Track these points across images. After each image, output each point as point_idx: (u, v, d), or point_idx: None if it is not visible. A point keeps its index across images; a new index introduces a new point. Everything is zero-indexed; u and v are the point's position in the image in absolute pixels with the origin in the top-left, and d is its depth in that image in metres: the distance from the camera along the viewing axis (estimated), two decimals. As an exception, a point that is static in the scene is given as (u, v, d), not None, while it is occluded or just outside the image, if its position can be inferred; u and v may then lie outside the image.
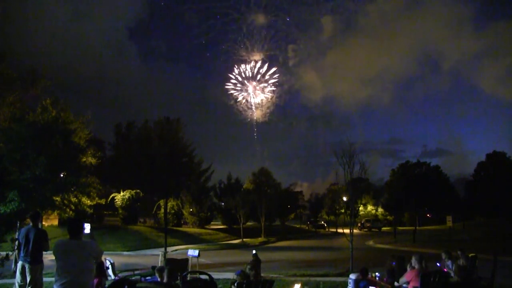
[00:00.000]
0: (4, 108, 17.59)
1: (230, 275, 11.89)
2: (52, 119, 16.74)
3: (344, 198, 28.52)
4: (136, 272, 10.92)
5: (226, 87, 66.18)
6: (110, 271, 10.33)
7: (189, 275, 9.55)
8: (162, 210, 38.72)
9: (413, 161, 68.81)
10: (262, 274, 11.09)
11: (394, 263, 9.36)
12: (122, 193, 37.64)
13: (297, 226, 64.64)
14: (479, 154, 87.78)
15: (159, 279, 7.07)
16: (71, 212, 19.91)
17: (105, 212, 41.97)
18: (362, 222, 58.58)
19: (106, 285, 8.20)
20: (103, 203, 29.85)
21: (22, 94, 18.95)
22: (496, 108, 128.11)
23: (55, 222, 32.08)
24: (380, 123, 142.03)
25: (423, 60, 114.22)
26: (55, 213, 23.09)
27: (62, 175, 15.67)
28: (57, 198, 16.66)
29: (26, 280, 7.40)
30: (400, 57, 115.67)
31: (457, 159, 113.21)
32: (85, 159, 21.43)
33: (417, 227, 47.04)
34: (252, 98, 66.75)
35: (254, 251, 12.21)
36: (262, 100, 67.13)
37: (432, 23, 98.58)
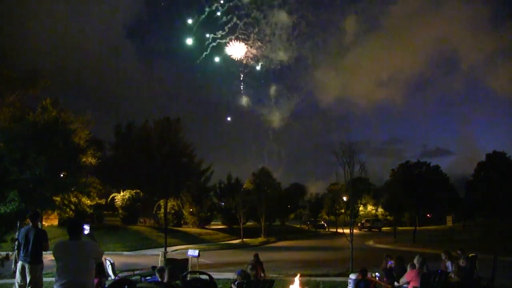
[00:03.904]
0: (4, 108, 17.61)
1: (230, 275, 11.90)
2: (52, 119, 16.74)
3: (344, 198, 28.53)
4: (136, 272, 10.93)
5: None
6: (110, 271, 10.33)
7: (189, 275, 9.56)
8: (162, 210, 38.71)
9: (413, 161, 68.88)
10: (261, 274, 11.07)
11: (390, 262, 9.38)
12: (122, 193, 37.63)
13: (297, 226, 64.64)
14: (481, 154, 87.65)
15: (159, 279, 7.07)
16: (71, 212, 19.95)
17: (105, 212, 42.00)
18: (362, 222, 58.57)
19: (106, 285, 8.20)
20: (103, 203, 29.95)
21: (22, 94, 18.96)
22: (504, 109, 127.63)
23: (55, 222, 32.08)
24: (383, 123, 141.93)
25: (437, 61, 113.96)
26: (55, 213, 23.14)
27: (62, 175, 15.67)
28: (57, 198, 16.68)
29: (26, 280, 7.40)
30: (415, 57, 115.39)
31: (457, 159, 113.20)
32: (85, 159, 21.43)
33: (417, 227, 47.00)
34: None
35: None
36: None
37: (449, 22, 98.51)
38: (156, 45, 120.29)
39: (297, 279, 8.39)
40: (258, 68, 65.97)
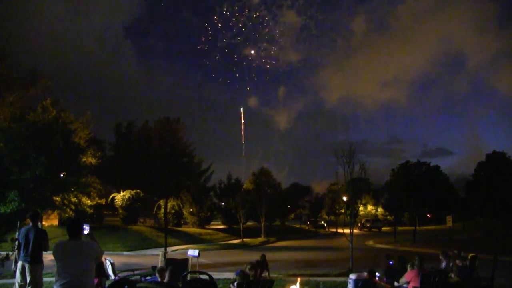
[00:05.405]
0: (4, 108, 17.59)
1: (230, 275, 11.90)
2: (52, 119, 16.72)
3: (344, 198, 28.53)
4: (136, 272, 10.91)
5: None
6: (110, 271, 10.32)
7: (189, 275, 9.55)
8: (162, 210, 38.73)
9: (413, 161, 68.92)
10: (262, 275, 11.05)
11: (391, 262, 9.36)
12: (122, 193, 37.62)
13: (297, 226, 64.65)
14: (481, 154, 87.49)
15: (159, 279, 7.07)
16: (71, 212, 19.92)
17: (105, 212, 41.98)
18: (362, 222, 58.58)
19: (106, 285, 8.20)
20: (103, 203, 29.89)
21: (22, 94, 18.94)
22: (506, 109, 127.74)
23: (55, 222, 32.10)
24: (386, 123, 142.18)
25: (442, 61, 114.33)
26: (55, 213, 23.14)
27: (62, 175, 15.67)
28: (57, 198, 16.65)
29: (26, 280, 7.40)
30: (420, 57, 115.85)
31: (458, 159, 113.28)
32: (85, 159, 21.41)
33: (417, 227, 47.04)
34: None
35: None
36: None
37: (455, 23, 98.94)
38: (155, 45, 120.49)
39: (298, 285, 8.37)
40: (265, 68, 66.28)
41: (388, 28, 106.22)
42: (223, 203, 50.72)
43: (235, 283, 6.50)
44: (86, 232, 7.60)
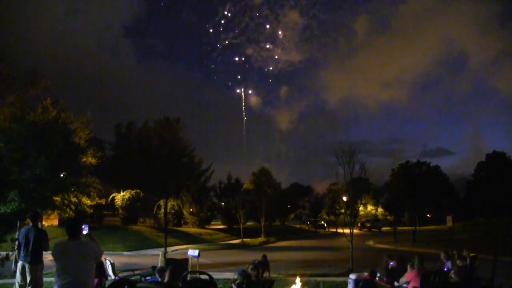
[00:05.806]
0: (4, 108, 17.59)
1: (230, 275, 11.89)
2: (52, 119, 16.74)
3: (344, 198, 28.52)
4: (136, 272, 10.93)
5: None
6: (110, 271, 10.32)
7: (189, 275, 9.55)
8: (162, 210, 38.71)
9: (413, 161, 68.90)
10: (263, 275, 11.05)
11: (392, 263, 9.35)
12: (122, 193, 37.62)
13: (297, 226, 64.64)
14: (481, 154, 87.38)
15: (159, 279, 7.07)
16: (71, 212, 19.93)
17: (105, 212, 41.98)
18: (362, 222, 58.58)
19: (106, 285, 8.20)
20: (103, 203, 29.88)
21: (22, 94, 18.94)
22: (507, 109, 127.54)
23: (55, 222, 32.10)
24: (386, 123, 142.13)
25: (443, 61, 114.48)
26: (55, 213, 23.14)
27: (62, 175, 15.67)
28: (57, 198, 16.66)
29: (26, 280, 7.40)
30: (422, 57, 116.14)
31: (458, 159, 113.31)
32: (85, 159, 21.42)
33: (417, 227, 47.04)
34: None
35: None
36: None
37: (456, 23, 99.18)
38: (155, 44, 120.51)
39: (298, 281, 8.38)
40: (267, 68, 66.38)
41: (390, 28, 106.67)
42: (223, 203, 50.72)
43: (236, 283, 6.50)
44: (85, 232, 7.59)
